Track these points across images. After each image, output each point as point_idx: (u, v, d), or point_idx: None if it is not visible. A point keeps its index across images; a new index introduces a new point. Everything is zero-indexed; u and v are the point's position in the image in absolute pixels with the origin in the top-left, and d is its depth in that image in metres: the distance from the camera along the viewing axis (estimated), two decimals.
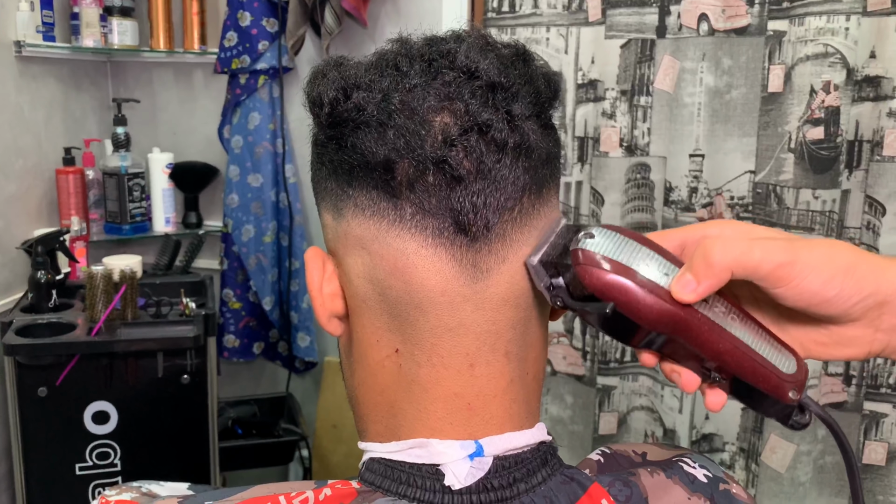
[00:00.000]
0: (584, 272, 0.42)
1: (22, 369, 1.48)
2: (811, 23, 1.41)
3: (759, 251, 0.42)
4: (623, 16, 1.61)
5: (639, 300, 0.42)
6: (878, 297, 0.43)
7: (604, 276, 0.42)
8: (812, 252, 0.42)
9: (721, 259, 0.42)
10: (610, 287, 0.42)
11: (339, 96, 0.44)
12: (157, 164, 2.02)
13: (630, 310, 0.42)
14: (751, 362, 0.44)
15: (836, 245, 0.43)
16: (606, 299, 0.42)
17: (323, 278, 0.48)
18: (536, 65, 0.46)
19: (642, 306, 0.42)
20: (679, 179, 1.60)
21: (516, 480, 0.46)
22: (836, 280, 0.42)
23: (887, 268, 0.43)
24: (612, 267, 0.42)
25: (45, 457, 1.52)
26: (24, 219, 1.80)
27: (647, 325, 0.42)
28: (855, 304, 0.43)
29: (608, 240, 0.43)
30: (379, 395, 0.48)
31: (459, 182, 0.42)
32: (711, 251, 0.42)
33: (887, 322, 0.44)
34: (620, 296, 0.42)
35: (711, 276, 0.42)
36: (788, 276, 0.42)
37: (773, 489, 1.56)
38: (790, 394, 0.44)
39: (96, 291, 1.54)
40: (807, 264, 0.42)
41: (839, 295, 0.42)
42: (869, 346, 0.45)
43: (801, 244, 0.43)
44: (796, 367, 0.45)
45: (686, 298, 0.42)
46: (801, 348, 0.46)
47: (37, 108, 1.83)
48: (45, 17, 1.80)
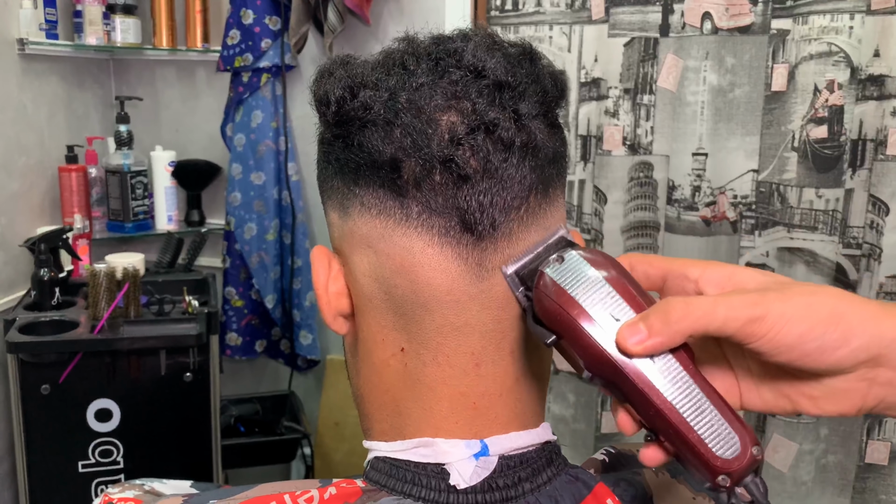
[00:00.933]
0: (537, 297, 0.42)
1: (25, 367, 1.48)
2: (815, 21, 1.41)
3: (724, 309, 0.39)
4: (626, 14, 1.60)
5: (577, 339, 0.40)
6: (870, 350, 0.39)
7: (551, 307, 0.41)
8: (787, 303, 0.39)
9: (680, 319, 0.39)
10: (554, 319, 0.41)
11: (346, 95, 0.44)
12: (160, 161, 2.02)
13: (570, 346, 0.41)
14: (681, 435, 0.40)
15: (819, 293, 0.40)
16: (552, 329, 0.42)
17: (329, 277, 0.48)
18: (543, 64, 0.46)
19: (580, 347, 0.40)
20: (682, 178, 1.60)
21: (521, 480, 0.46)
22: (815, 331, 0.38)
23: (882, 317, 0.39)
24: (561, 299, 0.41)
25: (48, 454, 1.53)
26: (27, 216, 1.80)
27: (585, 366, 0.41)
28: (842, 356, 0.39)
29: (572, 269, 0.42)
30: (384, 393, 0.48)
31: (466, 181, 0.42)
32: (672, 309, 0.39)
33: (884, 376, 0.40)
34: (562, 330, 0.41)
35: (665, 334, 0.39)
36: (758, 331, 0.38)
37: (776, 488, 1.56)
38: (719, 479, 0.39)
39: (99, 289, 1.54)
40: (780, 316, 0.38)
41: (821, 347, 0.38)
42: (862, 401, 0.40)
43: (774, 296, 0.39)
44: (739, 452, 0.39)
45: (630, 348, 0.39)
46: (789, 402, 0.42)
47: (40, 106, 1.83)
48: (48, 15, 1.80)
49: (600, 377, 0.41)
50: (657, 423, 0.40)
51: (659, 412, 0.40)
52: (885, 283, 1.41)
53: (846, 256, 1.45)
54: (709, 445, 0.39)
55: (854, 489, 1.52)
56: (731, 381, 0.43)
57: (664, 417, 0.40)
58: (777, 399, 0.43)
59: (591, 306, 0.41)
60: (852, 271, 1.45)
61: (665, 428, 0.40)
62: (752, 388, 0.43)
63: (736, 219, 1.56)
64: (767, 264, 1.54)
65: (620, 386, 0.40)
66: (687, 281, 0.43)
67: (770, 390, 0.43)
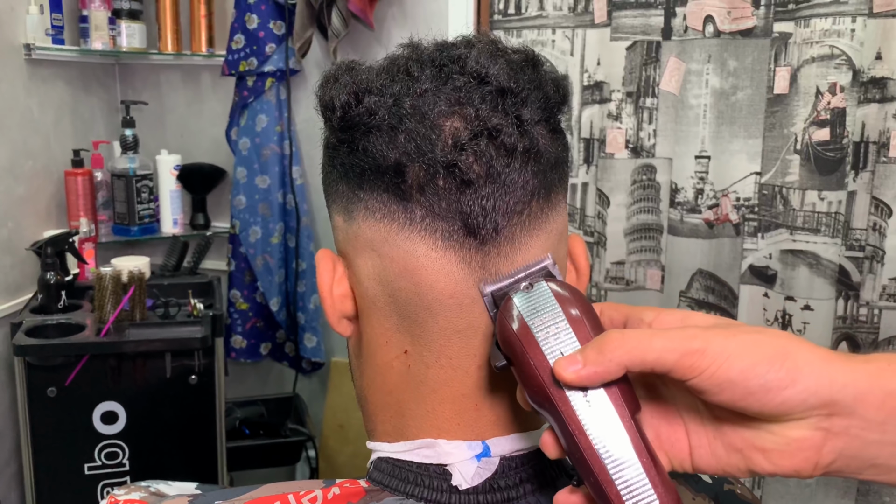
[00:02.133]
0: (498, 320, 0.43)
1: (31, 370, 1.49)
2: (817, 24, 1.41)
3: (660, 341, 0.38)
4: (629, 18, 1.61)
5: (522, 368, 0.41)
6: (820, 394, 0.37)
7: (507, 332, 0.42)
8: (731, 340, 0.38)
9: (614, 349, 0.38)
10: (507, 344, 0.42)
11: (351, 100, 0.45)
12: (165, 165, 2.03)
13: (517, 374, 0.42)
14: (599, 485, 0.38)
15: (767, 332, 0.39)
16: (504, 353, 0.42)
17: (333, 280, 0.49)
18: (545, 70, 0.47)
19: (524, 376, 0.41)
20: (685, 181, 1.60)
21: (523, 481, 0.47)
22: (758, 368, 0.37)
23: (832, 360, 0.38)
24: (518, 327, 0.41)
25: (55, 456, 1.54)
26: (33, 220, 1.81)
27: (527, 394, 0.41)
28: (788, 397, 0.37)
29: (537, 300, 0.42)
30: (387, 395, 0.49)
31: (469, 186, 0.43)
32: (607, 340, 0.39)
33: (838, 425, 0.37)
34: (512, 357, 0.41)
35: (599, 364, 0.38)
36: (699, 364, 0.37)
37: (780, 490, 1.56)
38: None
39: (105, 292, 1.55)
40: (721, 352, 0.37)
41: (765, 386, 0.37)
42: (818, 455, 0.38)
43: (717, 332, 0.38)
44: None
45: (564, 377, 0.39)
46: (742, 459, 0.40)
47: (46, 111, 1.84)
48: (54, 21, 1.82)
49: (539, 409, 0.41)
50: (582, 469, 0.39)
51: (584, 458, 0.39)
52: (889, 286, 1.41)
53: (849, 259, 1.46)
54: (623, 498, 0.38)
55: (858, 491, 1.52)
56: (682, 436, 0.42)
57: (588, 464, 0.39)
58: (729, 455, 0.40)
59: (543, 339, 0.40)
60: (855, 273, 1.45)
61: (587, 475, 0.39)
62: (703, 443, 0.41)
63: (739, 221, 1.57)
64: (770, 267, 1.54)
65: (556, 423, 0.40)
66: (642, 324, 0.43)
67: (722, 445, 0.41)
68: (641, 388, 0.42)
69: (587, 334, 0.41)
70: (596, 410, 0.39)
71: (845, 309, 1.48)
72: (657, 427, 0.42)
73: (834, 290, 1.47)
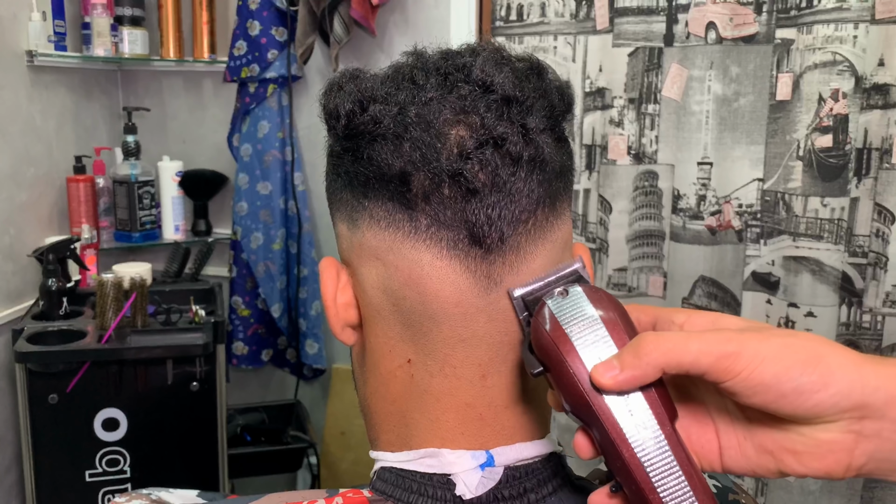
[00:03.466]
0: (534, 326, 0.42)
1: (33, 376, 1.49)
2: (819, 31, 1.41)
3: (697, 344, 0.38)
4: (631, 24, 1.61)
5: (561, 375, 0.40)
6: (852, 397, 0.37)
7: (543, 339, 0.41)
8: (765, 343, 0.38)
9: (650, 352, 0.38)
10: (544, 351, 0.41)
11: (356, 108, 0.45)
12: (167, 172, 2.03)
13: (554, 380, 0.41)
14: (641, 493, 0.39)
15: (799, 336, 0.39)
16: (540, 360, 0.42)
17: (337, 288, 0.49)
18: (550, 78, 0.47)
19: (562, 383, 0.40)
20: (687, 187, 1.60)
21: (527, 491, 0.46)
22: (792, 372, 0.37)
23: (863, 363, 0.38)
24: (555, 334, 0.41)
25: (56, 463, 1.53)
26: (35, 227, 1.81)
27: (564, 401, 0.41)
28: (821, 401, 0.37)
29: (573, 305, 0.42)
30: (391, 404, 0.48)
31: (475, 194, 0.43)
32: (642, 342, 0.39)
33: (870, 427, 0.38)
34: (549, 364, 0.41)
35: (636, 367, 0.38)
36: (734, 368, 0.38)
37: (783, 498, 1.55)
38: None
39: (106, 299, 1.55)
40: (756, 354, 0.38)
41: (798, 389, 0.37)
42: (850, 457, 0.38)
43: (752, 335, 0.39)
44: None
45: (603, 382, 0.39)
46: (772, 460, 0.40)
47: (48, 117, 1.85)
48: (56, 27, 1.82)
49: (578, 417, 0.40)
50: (622, 476, 0.39)
51: (626, 465, 0.39)
52: (892, 292, 1.41)
53: (852, 265, 1.45)
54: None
55: (862, 499, 1.51)
56: (712, 437, 0.42)
57: (629, 472, 0.39)
58: (760, 456, 0.41)
59: (581, 346, 0.40)
60: (858, 280, 1.45)
61: (628, 482, 0.39)
62: (734, 444, 0.42)
63: (741, 228, 1.57)
64: (773, 273, 1.54)
65: (596, 430, 0.40)
66: (673, 326, 0.43)
67: (752, 447, 0.41)
68: (672, 388, 0.42)
69: (624, 339, 0.40)
70: (637, 418, 0.39)
71: (848, 316, 1.47)
72: (687, 427, 0.42)
73: (837, 296, 1.47)
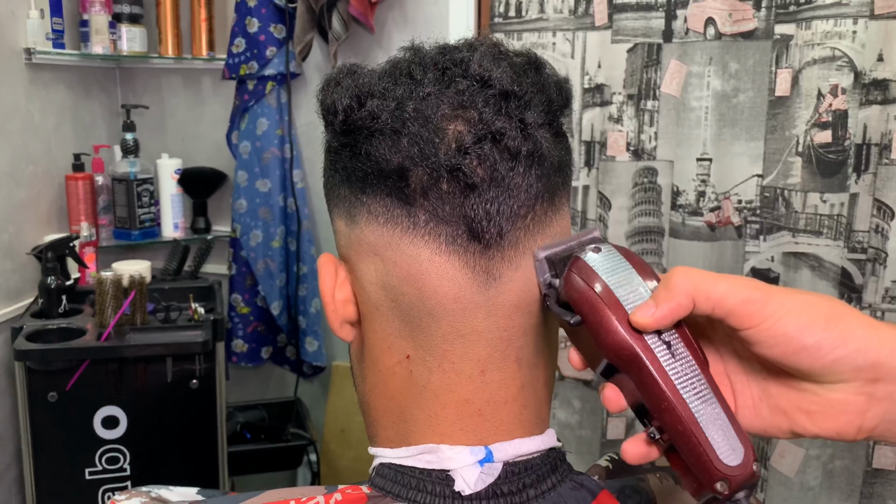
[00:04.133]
0: (569, 279, 0.43)
1: (32, 374, 1.49)
2: (818, 26, 1.41)
3: (725, 283, 0.40)
4: (629, 20, 1.61)
5: (602, 322, 0.41)
6: (868, 356, 0.39)
7: (581, 288, 0.42)
8: (790, 296, 0.40)
9: (682, 284, 0.40)
10: (583, 301, 0.42)
11: (353, 104, 0.44)
12: (166, 169, 2.03)
13: (593, 329, 0.42)
14: (688, 433, 0.40)
15: (822, 296, 0.41)
16: (577, 311, 0.42)
17: (335, 284, 0.49)
18: (548, 73, 0.47)
19: (604, 329, 0.41)
20: (686, 183, 1.60)
21: (526, 486, 0.46)
22: (815, 326, 0.39)
23: (879, 327, 0.40)
24: (594, 283, 0.42)
25: (56, 461, 1.53)
26: (34, 225, 1.81)
27: (604, 350, 0.42)
28: (839, 357, 0.39)
29: (609, 259, 0.43)
30: (389, 400, 0.48)
31: (473, 190, 0.43)
32: (673, 275, 0.41)
33: (883, 389, 0.39)
34: (588, 313, 0.42)
35: (670, 300, 0.40)
36: (759, 313, 0.39)
37: (783, 494, 1.55)
38: (717, 485, 0.39)
39: (106, 297, 1.55)
40: (781, 305, 0.39)
41: (818, 344, 0.39)
42: (861, 419, 0.39)
43: (778, 289, 0.40)
44: (741, 461, 0.40)
45: (643, 322, 0.40)
46: (785, 419, 0.42)
47: (47, 115, 1.84)
48: (54, 25, 1.82)
49: (617, 363, 0.41)
50: (666, 417, 0.40)
51: (671, 406, 0.40)
52: (892, 288, 1.41)
53: (851, 261, 1.45)
54: (714, 448, 0.39)
55: (861, 494, 1.51)
56: (728, 397, 0.43)
57: (675, 411, 0.40)
58: (773, 416, 0.42)
59: (622, 295, 0.42)
60: (858, 276, 1.45)
61: (673, 423, 0.40)
62: (748, 404, 0.43)
63: (741, 224, 1.56)
64: (773, 269, 1.54)
65: (636, 374, 0.41)
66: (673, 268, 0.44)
67: (767, 406, 0.42)
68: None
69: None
70: (679, 362, 0.41)
71: None
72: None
73: (836, 292, 1.47)
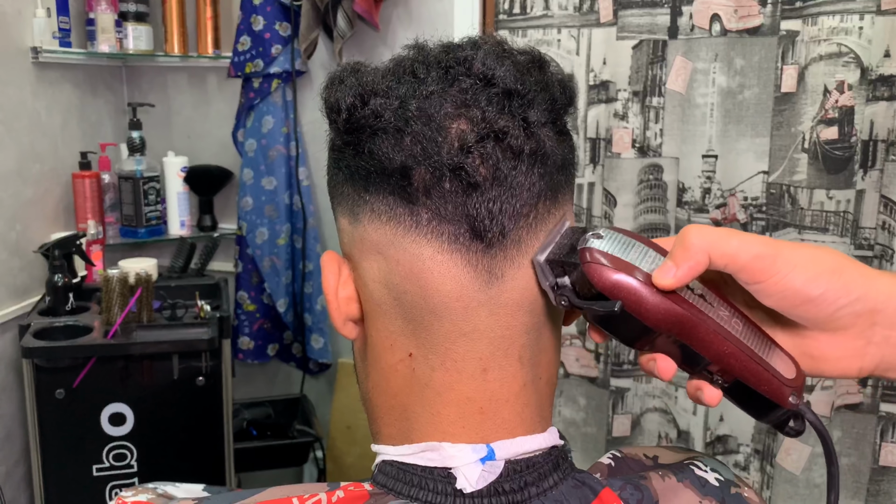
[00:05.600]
0: (593, 270, 0.43)
1: (39, 372, 1.50)
2: (824, 22, 1.40)
3: (737, 240, 0.42)
4: (635, 17, 1.60)
5: (645, 299, 0.42)
6: (867, 302, 0.42)
7: (611, 275, 0.43)
8: (796, 251, 0.42)
9: (697, 242, 0.42)
10: (617, 286, 0.42)
11: (357, 102, 0.44)
12: (172, 167, 2.04)
13: (636, 308, 0.42)
14: (754, 365, 0.43)
15: (822, 248, 0.44)
16: (613, 298, 0.43)
17: (338, 282, 0.49)
18: (552, 71, 0.47)
19: (649, 305, 0.42)
20: (692, 180, 1.59)
21: (527, 484, 0.46)
22: (821, 279, 0.42)
23: (877, 276, 0.43)
24: (619, 266, 0.43)
25: (63, 458, 1.54)
26: (41, 223, 1.82)
27: (653, 324, 0.43)
28: (842, 306, 0.42)
29: (615, 241, 0.44)
30: (392, 398, 0.48)
31: (476, 188, 0.43)
32: (687, 235, 0.43)
33: (879, 334, 0.43)
34: (628, 294, 0.42)
35: (689, 258, 0.42)
36: (769, 269, 0.42)
37: (789, 491, 1.55)
38: (790, 398, 0.44)
39: (112, 294, 1.56)
40: (788, 261, 0.42)
41: (824, 295, 0.42)
42: (860, 361, 0.43)
43: (784, 244, 0.43)
44: (796, 372, 0.45)
45: (665, 283, 0.42)
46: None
47: (53, 114, 1.85)
48: (61, 24, 1.82)
49: (671, 329, 0.43)
50: (731, 362, 0.43)
51: (732, 349, 0.43)
52: None
53: (858, 258, 1.45)
54: (777, 370, 0.44)
55: (868, 492, 1.51)
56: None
57: (738, 353, 0.43)
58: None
59: (645, 267, 0.43)
60: None
61: (739, 363, 0.43)
62: None
63: (746, 220, 1.56)
64: None
65: (691, 333, 0.43)
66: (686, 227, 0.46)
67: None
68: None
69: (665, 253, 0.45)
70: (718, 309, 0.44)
71: None
72: None
73: None
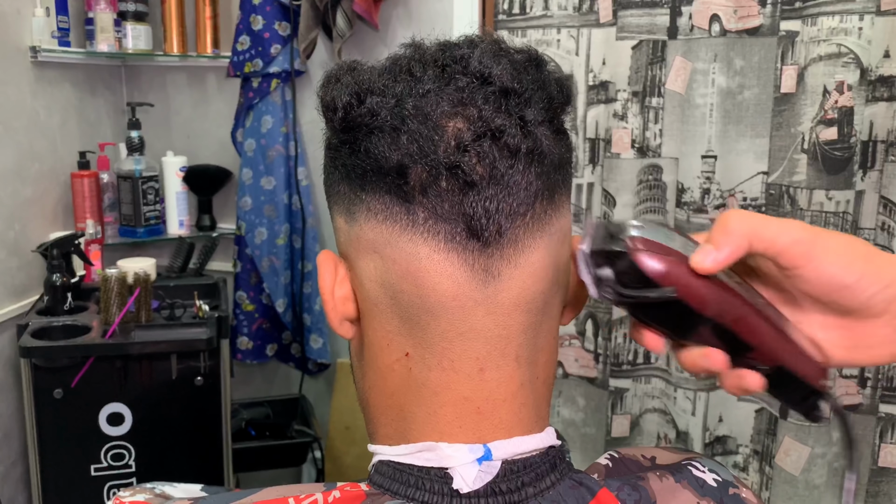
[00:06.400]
0: (644, 257, 0.43)
1: (38, 371, 1.50)
2: (824, 23, 1.40)
3: (777, 225, 0.43)
4: (634, 17, 1.60)
5: (697, 285, 0.43)
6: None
7: (663, 261, 0.43)
8: (832, 237, 0.43)
9: (738, 226, 0.43)
10: (669, 272, 0.43)
11: (353, 101, 0.44)
12: (171, 167, 2.04)
13: (689, 293, 0.43)
14: (794, 352, 0.45)
15: (853, 237, 0.45)
16: (665, 284, 0.43)
17: (335, 282, 0.48)
18: (549, 70, 0.46)
19: (702, 291, 0.43)
20: (691, 181, 1.59)
21: (524, 485, 0.46)
22: (856, 265, 0.43)
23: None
24: (668, 253, 0.43)
25: (61, 458, 1.54)
26: (39, 222, 1.81)
27: (708, 310, 0.43)
28: (875, 293, 0.43)
29: (657, 230, 0.44)
30: (389, 398, 0.48)
31: (472, 187, 0.42)
32: (729, 219, 0.43)
33: None
34: (679, 280, 0.43)
35: (730, 242, 0.42)
36: (807, 254, 0.42)
37: (788, 492, 1.55)
38: (821, 381, 0.46)
39: (111, 294, 1.56)
40: (826, 247, 0.43)
41: (859, 282, 0.43)
42: (892, 347, 0.44)
43: (822, 230, 0.44)
44: (822, 356, 0.46)
45: (706, 266, 0.42)
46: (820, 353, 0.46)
47: (52, 113, 1.85)
48: (60, 23, 1.82)
49: (723, 317, 0.44)
50: (775, 345, 0.45)
51: (775, 336, 0.44)
52: None
53: None
54: (811, 354, 0.45)
55: (867, 493, 1.50)
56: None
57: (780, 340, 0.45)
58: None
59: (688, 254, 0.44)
60: None
61: (781, 349, 0.45)
62: None
63: None
64: None
65: (741, 320, 0.44)
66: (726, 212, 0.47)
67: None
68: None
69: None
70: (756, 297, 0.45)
71: None
72: None
73: None
